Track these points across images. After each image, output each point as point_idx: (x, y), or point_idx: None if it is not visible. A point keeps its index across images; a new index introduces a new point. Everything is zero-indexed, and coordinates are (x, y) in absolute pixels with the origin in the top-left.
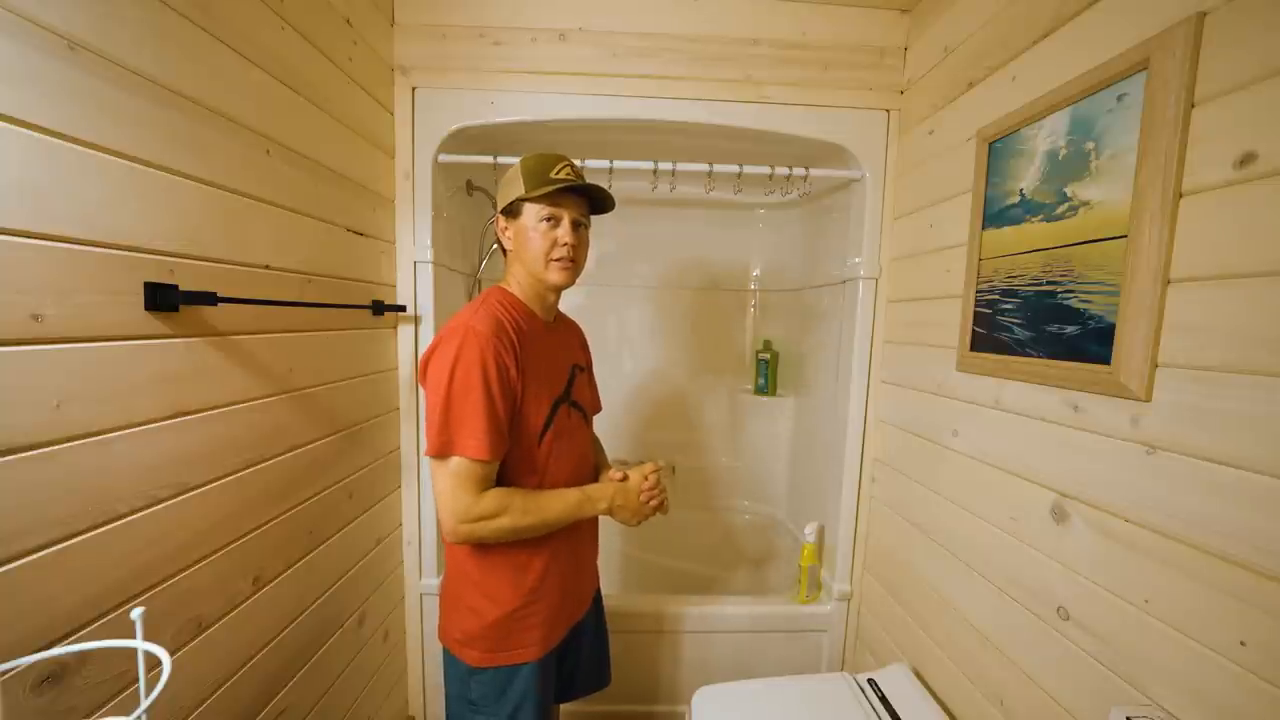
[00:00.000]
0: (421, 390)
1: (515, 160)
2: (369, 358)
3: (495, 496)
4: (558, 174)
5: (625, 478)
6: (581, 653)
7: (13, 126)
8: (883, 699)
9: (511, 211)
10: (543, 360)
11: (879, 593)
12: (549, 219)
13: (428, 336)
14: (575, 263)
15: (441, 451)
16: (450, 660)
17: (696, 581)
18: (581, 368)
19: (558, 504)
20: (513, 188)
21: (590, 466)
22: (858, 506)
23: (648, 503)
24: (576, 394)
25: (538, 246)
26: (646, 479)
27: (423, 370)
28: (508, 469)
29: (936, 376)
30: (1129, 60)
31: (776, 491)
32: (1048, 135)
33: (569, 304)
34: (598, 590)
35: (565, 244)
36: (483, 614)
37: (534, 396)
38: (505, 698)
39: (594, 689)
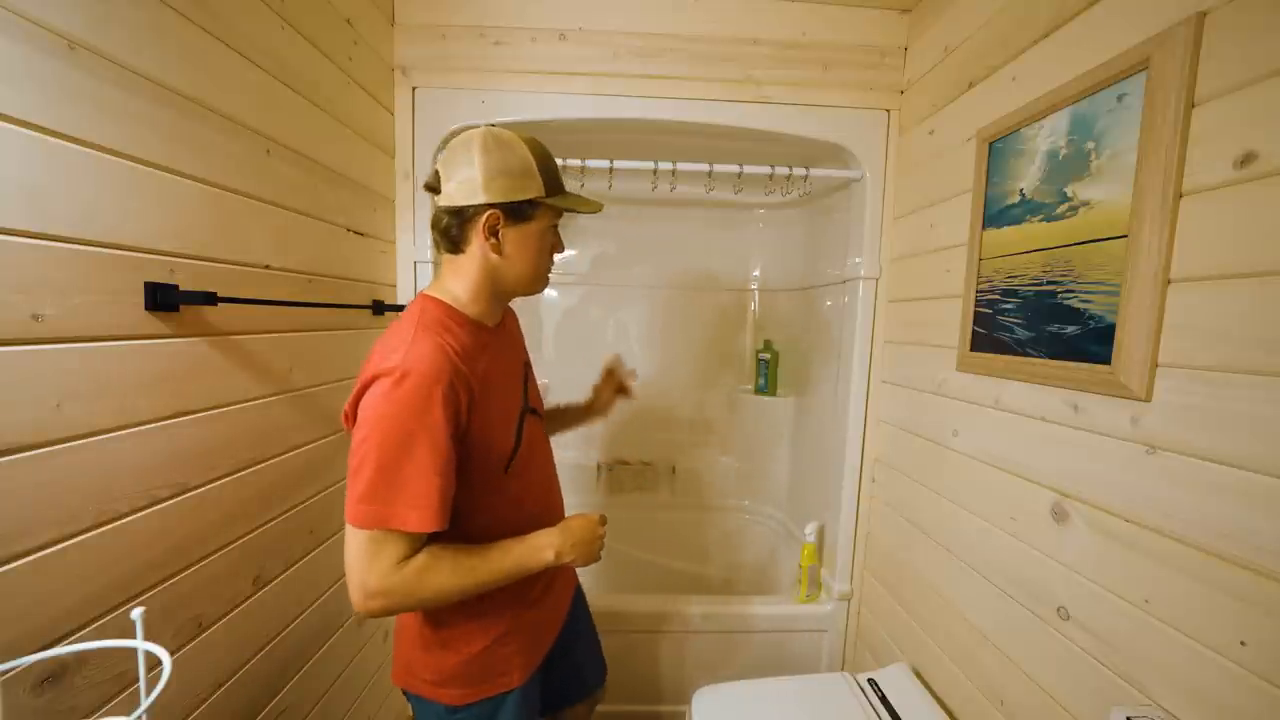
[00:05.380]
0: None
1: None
2: None
3: (418, 561)
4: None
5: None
6: (576, 655)
7: (12, 126)
8: (883, 699)
9: (520, 214)
10: (497, 375)
11: (879, 593)
12: (556, 228)
13: None
14: None
15: (370, 523)
16: (421, 705)
17: (696, 581)
18: (527, 363)
19: (494, 562)
20: (524, 183)
21: (554, 470)
22: (858, 506)
23: (600, 538)
24: (533, 399)
25: (544, 259)
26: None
27: (348, 414)
28: (476, 503)
29: (936, 376)
30: (1129, 60)
31: (776, 491)
32: (1048, 135)
33: (566, 304)
34: (577, 588)
35: (558, 253)
36: (460, 649)
37: (498, 419)
38: None
39: (593, 689)
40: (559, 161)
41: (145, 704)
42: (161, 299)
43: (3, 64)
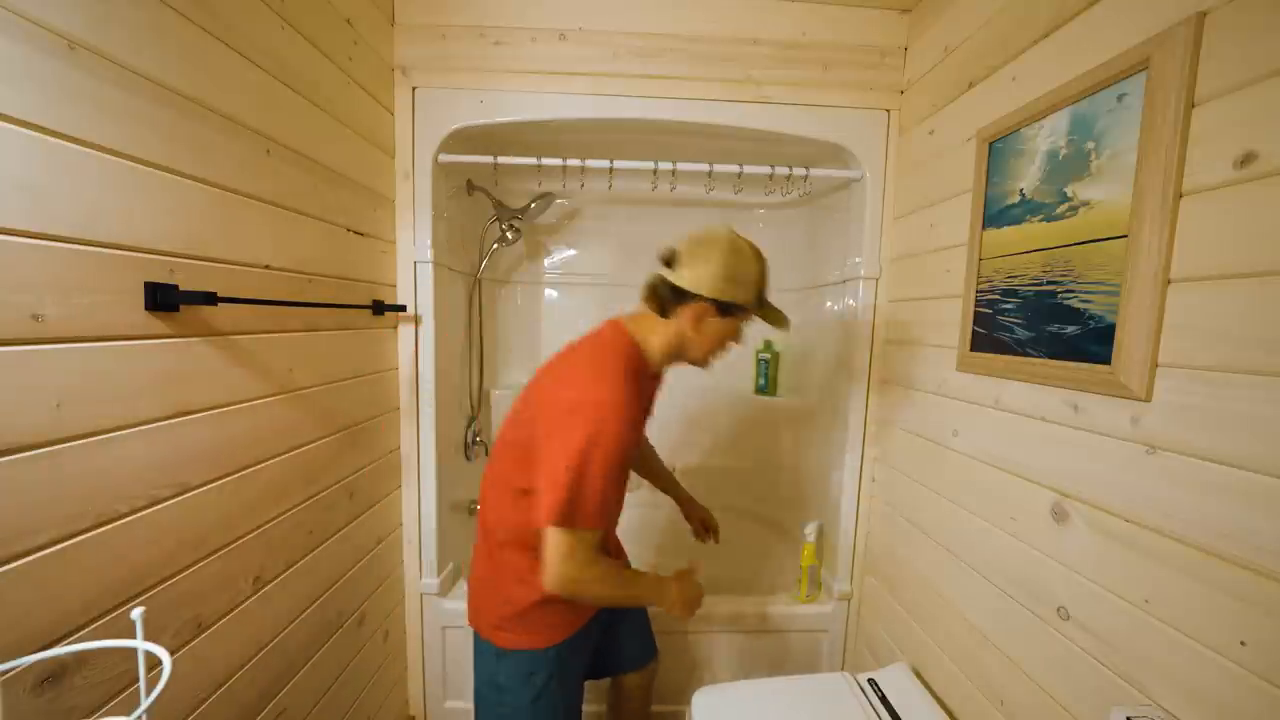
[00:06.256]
0: (541, 415)
1: (520, 160)
2: (369, 358)
3: (601, 567)
4: (769, 294)
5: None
6: (620, 629)
7: (13, 126)
8: (883, 699)
9: (725, 310)
10: (644, 409)
11: (879, 593)
12: (742, 327)
13: (428, 336)
14: None
15: (567, 524)
16: (481, 645)
17: None
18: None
19: (641, 589)
20: (742, 291)
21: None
22: (858, 506)
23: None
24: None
25: (723, 348)
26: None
27: (552, 409)
28: None
29: (936, 376)
30: (1129, 60)
31: (777, 491)
32: (1048, 135)
33: (566, 304)
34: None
35: (735, 345)
36: (517, 601)
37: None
38: (530, 681)
39: (643, 662)
40: (559, 161)
41: (145, 704)
42: (161, 299)
43: (3, 64)
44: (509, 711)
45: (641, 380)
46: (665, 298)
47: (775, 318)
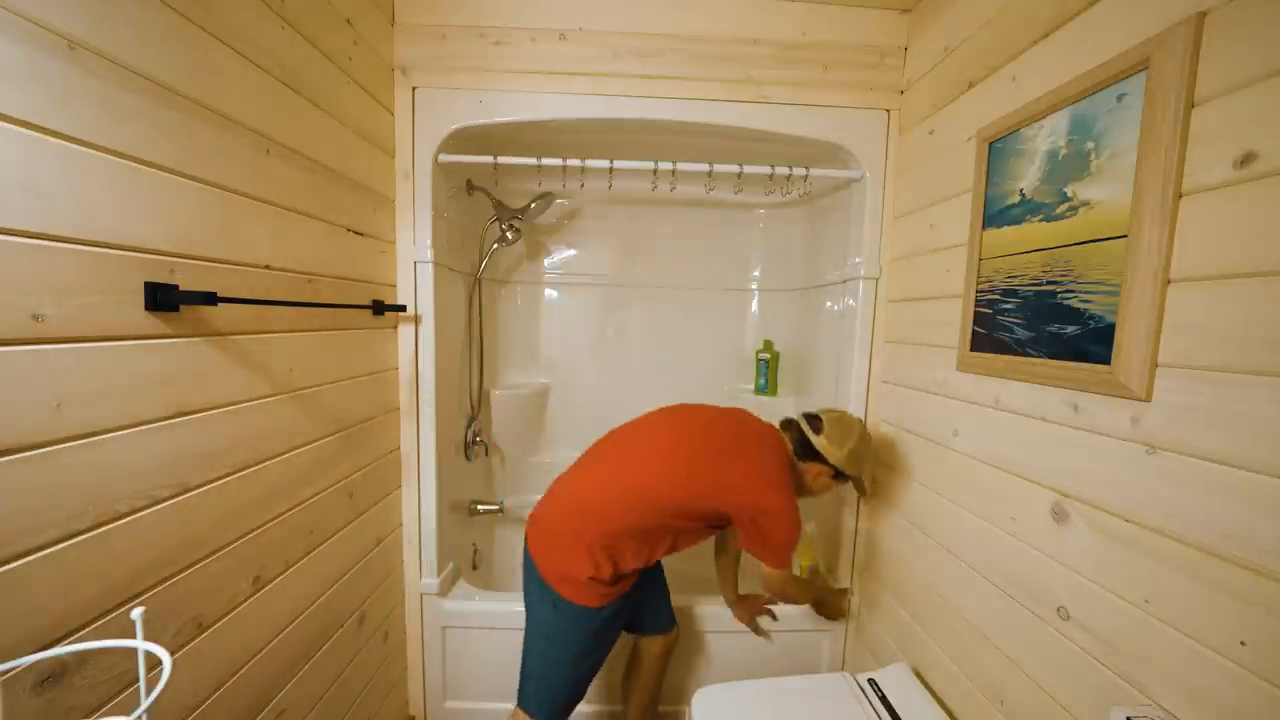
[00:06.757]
0: (757, 507)
1: (520, 160)
2: (369, 358)
3: (794, 583)
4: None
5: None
6: (648, 599)
7: (13, 126)
8: (883, 699)
9: (838, 476)
10: None
11: (879, 592)
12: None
13: (428, 336)
14: None
15: (786, 569)
16: (543, 590)
17: (697, 582)
18: None
19: (811, 596)
20: (855, 467)
21: None
22: (858, 506)
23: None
24: None
25: (824, 492)
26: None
27: (756, 506)
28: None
29: (936, 376)
30: (1129, 60)
31: None
32: (1048, 135)
33: (566, 304)
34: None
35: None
36: (582, 571)
37: None
38: (572, 632)
39: (662, 629)
40: (559, 161)
41: (145, 704)
42: (161, 299)
43: (3, 64)
44: (550, 662)
45: None
46: (803, 449)
47: (862, 488)
